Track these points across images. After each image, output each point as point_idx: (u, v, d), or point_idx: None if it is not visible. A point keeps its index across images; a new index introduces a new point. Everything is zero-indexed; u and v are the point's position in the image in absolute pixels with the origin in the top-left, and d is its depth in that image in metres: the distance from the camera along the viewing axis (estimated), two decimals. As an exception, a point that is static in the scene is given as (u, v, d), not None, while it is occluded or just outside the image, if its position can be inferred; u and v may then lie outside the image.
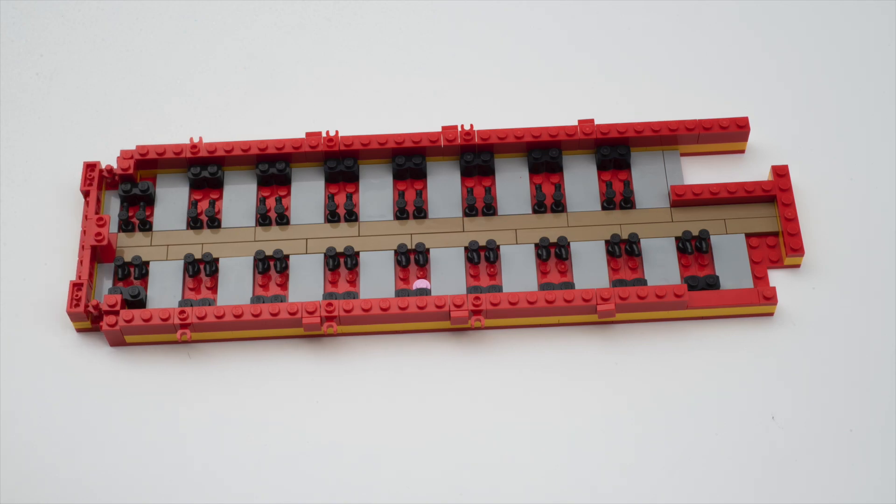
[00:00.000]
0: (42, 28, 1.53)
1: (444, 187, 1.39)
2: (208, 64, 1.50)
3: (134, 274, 1.35)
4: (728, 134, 1.40)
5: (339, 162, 1.39)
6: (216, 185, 1.40)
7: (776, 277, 1.34)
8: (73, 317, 1.31)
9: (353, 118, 1.45)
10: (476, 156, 1.39)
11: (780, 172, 1.36)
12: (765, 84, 1.46)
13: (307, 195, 1.39)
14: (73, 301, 1.31)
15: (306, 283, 1.34)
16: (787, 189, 1.35)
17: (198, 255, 1.36)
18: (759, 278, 1.34)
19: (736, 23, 1.51)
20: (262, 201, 1.39)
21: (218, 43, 1.51)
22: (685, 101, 1.45)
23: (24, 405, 1.30)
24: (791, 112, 1.44)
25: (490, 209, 1.38)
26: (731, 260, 1.34)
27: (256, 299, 1.33)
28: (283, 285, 1.35)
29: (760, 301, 1.31)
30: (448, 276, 1.35)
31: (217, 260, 1.36)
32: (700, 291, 1.32)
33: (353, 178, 1.40)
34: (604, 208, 1.38)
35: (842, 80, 1.46)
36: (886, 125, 1.43)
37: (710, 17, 1.51)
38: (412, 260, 1.36)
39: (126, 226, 1.38)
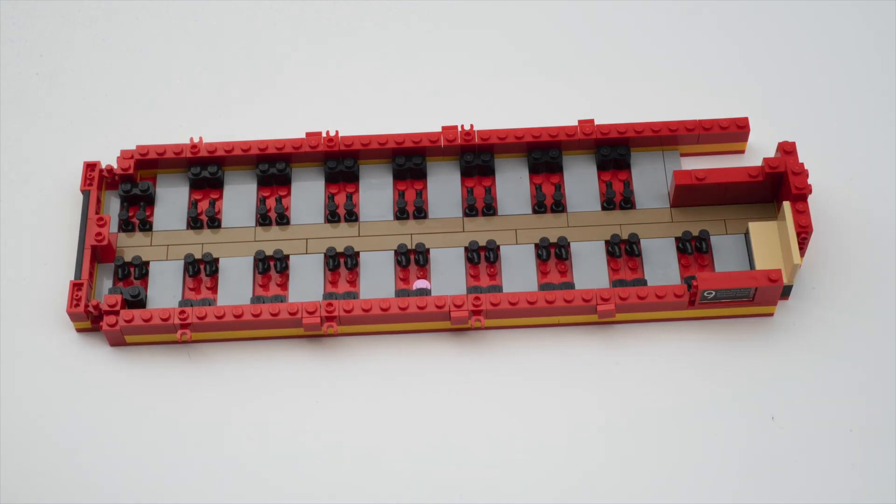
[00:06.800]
0: (42, 28, 1.52)
1: (444, 187, 1.39)
2: (208, 64, 1.49)
3: (134, 274, 1.35)
4: (728, 134, 1.39)
5: (339, 162, 1.39)
6: (216, 185, 1.40)
7: (776, 278, 1.34)
8: (74, 317, 1.31)
9: (353, 118, 1.44)
10: (476, 156, 1.39)
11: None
12: (765, 84, 1.46)
13: (307, 195, 1.39)
14: (74, 301, 1.30)
15: (306, 283, 1.34)
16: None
17: (198, 255, 1.36)
18: (759, 278, 1.34)
19: (736, 23, 1.50)
20: (262, 201, 1.39)
21: (218, 43, 1.51)
22: (685, 102, 1.44)
23: (24, 405, 1.30)
24: (791, 112, 1.44)
25: (490, 209, 1.37)
26: (731, 260, 1.34)
27: (256, 299, 1.32)
28: (284, 285, 1.35)
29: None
30: (448, 276, 1.34)
31: (217, 260, 1.36)
32: (700, 292, 1.32)
33: (353, 178, 1.40)
34: (604, 208, 1.38)
35: (842, 80, 1.46)
36: (887, 126, 1.43)
37: (710, 18, 1.51)
38: (412, 260, 1.35)
39: (126, 226, 1.37)
